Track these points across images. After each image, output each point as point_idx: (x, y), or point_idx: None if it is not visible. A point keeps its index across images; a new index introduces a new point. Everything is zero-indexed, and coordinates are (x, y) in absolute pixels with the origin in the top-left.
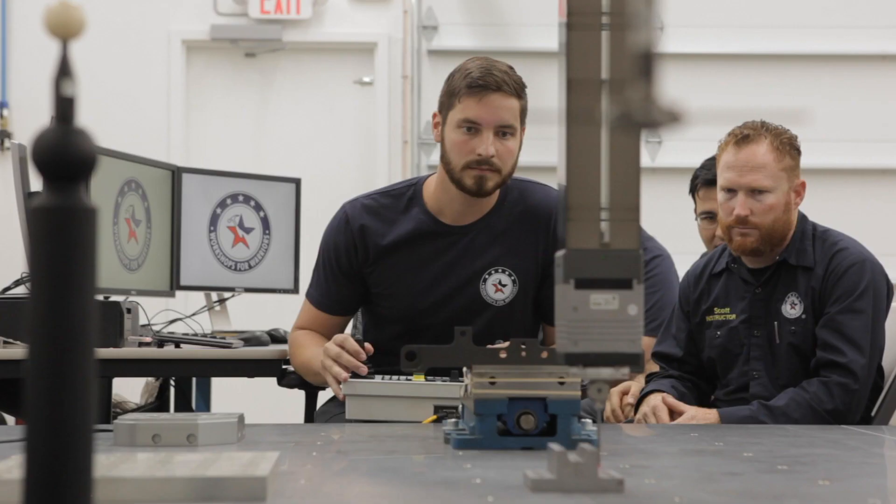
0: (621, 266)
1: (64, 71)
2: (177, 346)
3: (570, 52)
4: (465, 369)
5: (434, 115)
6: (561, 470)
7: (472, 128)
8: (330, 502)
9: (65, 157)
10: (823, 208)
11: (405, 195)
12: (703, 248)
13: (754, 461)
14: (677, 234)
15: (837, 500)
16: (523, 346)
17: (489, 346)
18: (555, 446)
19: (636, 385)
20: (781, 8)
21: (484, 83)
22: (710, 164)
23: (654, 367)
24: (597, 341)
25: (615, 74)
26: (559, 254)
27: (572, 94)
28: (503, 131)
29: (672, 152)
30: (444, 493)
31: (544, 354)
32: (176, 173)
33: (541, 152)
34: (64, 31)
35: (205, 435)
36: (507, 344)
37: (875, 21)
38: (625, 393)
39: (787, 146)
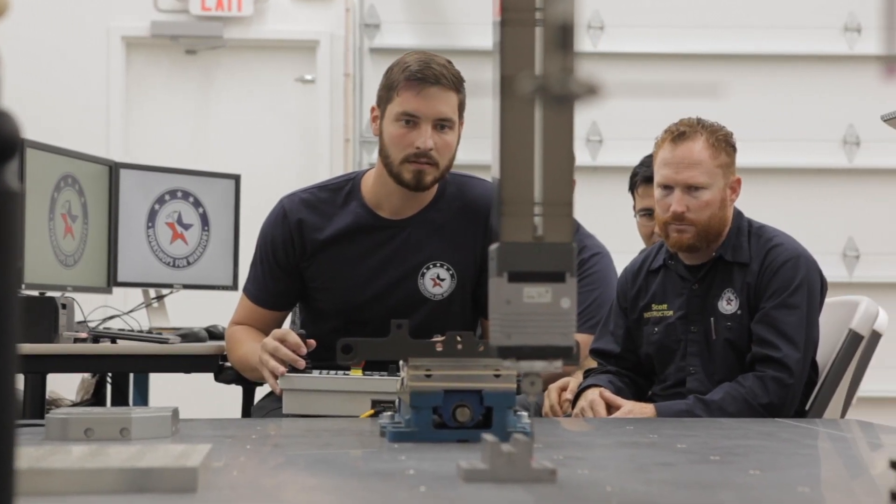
0: (554, 259)
1: None
2: (113, 341)
3: (503, 49)
4: (401, 363)
5: (372, 110)
6: (494, 460)
7: (410, 121)
8: (261, 494)
9: None
10: (759, 205)
11: (343, 189)
12: (642, 246)
13: (687, 452)
14: (619, 232)
15: (767, 488)
16: (459, 340)
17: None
18: (488, 437)
19: (575, 381)
20: (720, 9)
21: (422, 76)
22: (649, 162)
23: (592, 363)
24: (530, 334)
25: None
26: (493, 247)
27: (506, 90)
28: (441, 124)
29: (613, 151)
30: (377, 484)
31: (480, 348)
32: (113, 169)
33: (481, 150)
34: None
35: (138, 429)
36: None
37: (810, 22)
38: (563, 389)
39: (723, 143)
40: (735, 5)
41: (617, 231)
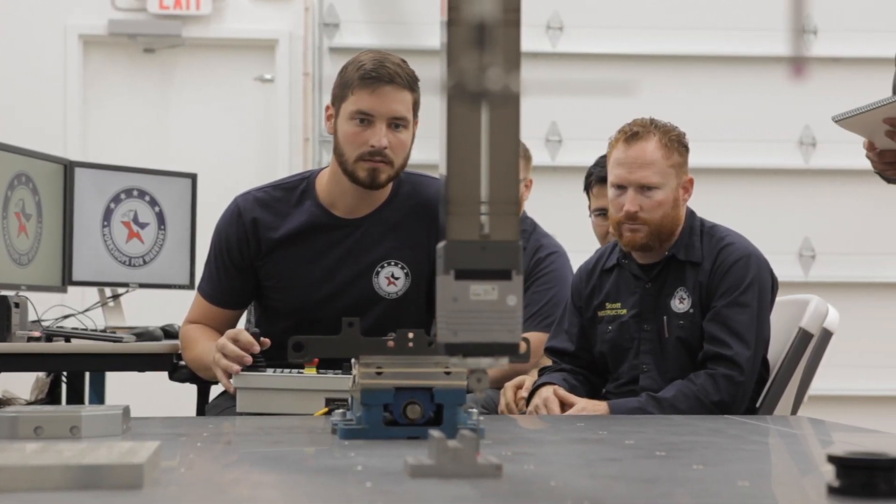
0: (501, 257)
1: None
2: (67, 340)
3: (450, 49)
4: (353, 361)
5: (327, 108)
6: (440, 456)
7: (364, 119)
8: (207, 490)
9: None
10: (717, 205)
11: (298, 188)
12: (599, 246)
13: (634, 448)
14: (579, 231)
15: (708, 482)
16: (410, 337)
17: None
18: (435, 433)
19: (530, 379)
20: (679, 10)
21: (377, 75)
22: (604, 162)
23: (547, 361)
24: (476, 331)
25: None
26: (440, 245)
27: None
28: (396, 123)
29: (573, 151)
30: (323, 479)
31: (431, 345)
32: (68, 167)
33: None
34: None
35: (88, 427)
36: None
37: (766, 24)
38: (519, 387)
39: (676, 143)
40: (693, 7)
41: (577, 230)
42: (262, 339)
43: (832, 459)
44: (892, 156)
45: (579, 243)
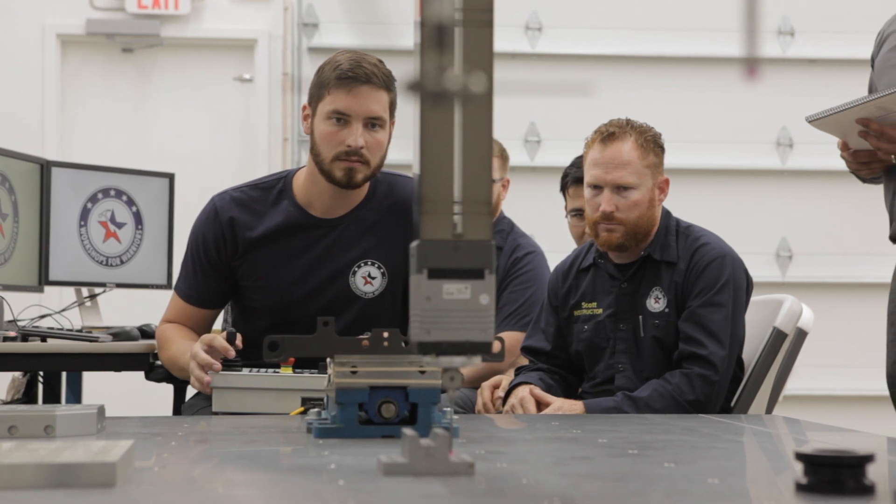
0: (473, 256)
1: None
2: (42, 340)
3: (421, 49)
4: (328, 360)
5: (304, 108)
6: (413, 454)
7: (341, 119)
8: (180, 488)
9: None
10: (694, 206)
11: (275, 188)
12: (576, 246)
13: (607, 447)
14: (558, 231)
15: (677, 480)
16: (385, 337)
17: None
18: (408, 431)
19: (507, 379)
20: (657, 12)
21: (353, 75)
22: (580, 163)
23: (525, 361)
24: (449, 330)
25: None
26: (413, 244)
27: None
28: (372, 123)
29: (552, 151)
30: (296, 478)
31: (406, 345)
32: (45, 167)
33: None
34: None
35: (63, 426)
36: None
37: (738, 24)
38: (496, 387)
39: (652, 144)
40: (672, 8)
41: (556, 230)
42: (237, 336)
43: (800, 457)
44: (866, 156)
45: (558, 243)
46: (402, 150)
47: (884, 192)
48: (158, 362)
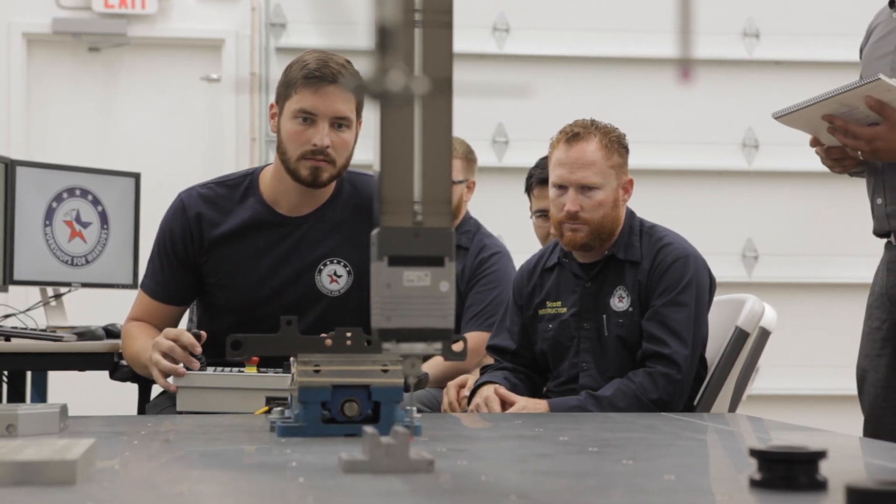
0: (434, 244)
1: None
2: (7, 339)
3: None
4: (291, 359)
5: (272, 107)
6: (373, 452)
7: (307, 118)
8: (139, 485)
9: None
10: (660, 206)
11: (241, 185)
12: (541, 247)
13: (568, 444)
14: (525, 232)
15: (634, 476)
16: (348, 336)
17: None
18: (368, 429)
19: (472, 378)
20: (624, 13)
21: (320, 75)
22: (545, 163)
23: (490, 360)
24: (409, 317)
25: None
26: (374, 232)
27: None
28: (339, 123)
29: (519, 152)
30: (256, 475)
31: (369, 343)
32: (9, 166)
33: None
34: None
35: (25, 425)
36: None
37: (710, 27)
38: (462, 386)
39: (616, 144)
40: (639, 10)
41: (524, 231)
42: (201, 333)
43: (754, 453)
44: (839, 152)
45: (525, 244)
46: (368, 150)
47: (867, 187)
48: (123, 362)
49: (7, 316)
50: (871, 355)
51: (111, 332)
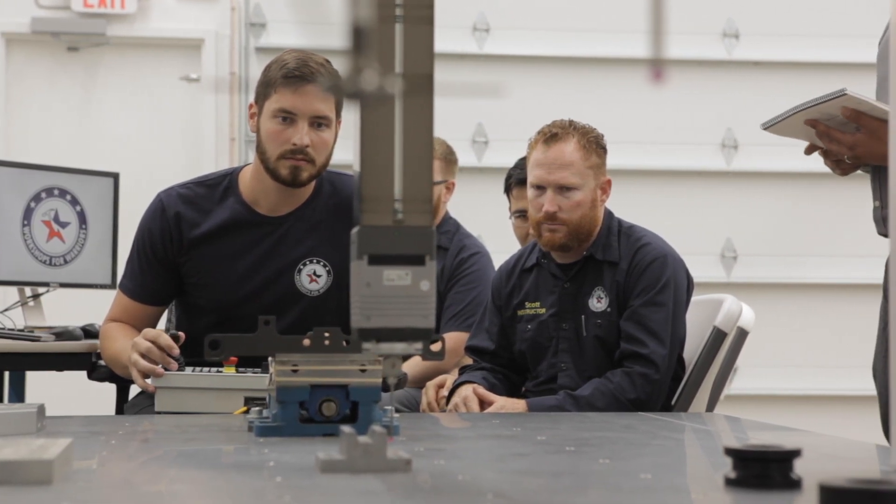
0: (414, 242)
1: None
2: None
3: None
4: (269, 359)
5: (251, 106)
6: (350, 451)
7: (287, 118)
8: (117, 485)
9: None
10: (640, 206)
11: (221, 185)
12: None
13: (545, 444)
14: (504, 232)
15: (611, 475)
16: (327, 335)
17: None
18: (346, 429)
19: (451, 378)
20: (603, 13)
21: (300, 74)
22: (523, 164)
23: (470, 361)
24: (389, 317)
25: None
26: (354, 231)
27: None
28: (318, 122)
29: (499, 152)
30: (234, 475)
31: (347, 343)
32: None
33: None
34: None
35: (2, 425)
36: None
37: (690, 27)
38: (440, 386)
39: (594, 145)
40: (617, 10)
41: (504, 231)
42: (179, 333)
43: (729, 452)
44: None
45: (505, 244)
46: (348, 150)
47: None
48: (101, 362)
49: None
50: (884, 354)
51: (89, 333)
